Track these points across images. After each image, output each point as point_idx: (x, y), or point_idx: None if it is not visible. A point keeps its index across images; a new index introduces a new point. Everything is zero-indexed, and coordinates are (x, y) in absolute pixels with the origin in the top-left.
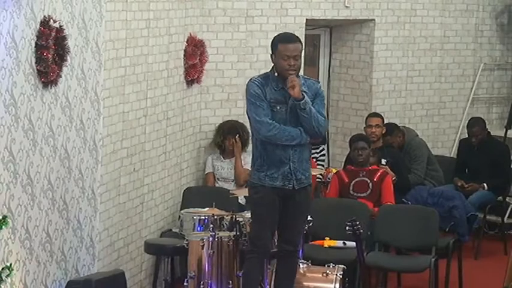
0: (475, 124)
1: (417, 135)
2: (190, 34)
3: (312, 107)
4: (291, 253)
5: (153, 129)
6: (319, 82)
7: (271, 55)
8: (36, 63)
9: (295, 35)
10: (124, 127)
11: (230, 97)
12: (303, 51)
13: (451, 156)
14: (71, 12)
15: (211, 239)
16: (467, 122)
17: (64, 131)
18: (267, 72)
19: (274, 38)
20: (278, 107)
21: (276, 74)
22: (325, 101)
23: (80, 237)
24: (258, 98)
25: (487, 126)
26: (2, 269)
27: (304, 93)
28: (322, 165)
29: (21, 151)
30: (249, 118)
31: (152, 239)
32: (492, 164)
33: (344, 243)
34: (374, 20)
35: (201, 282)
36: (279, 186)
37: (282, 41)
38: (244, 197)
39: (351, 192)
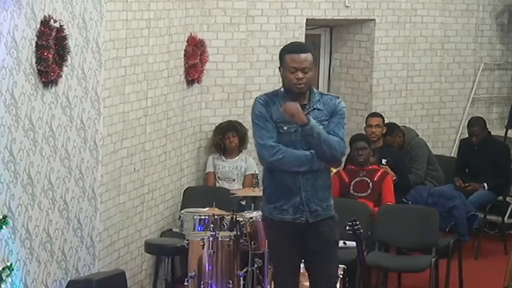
0: (475, 124)
1: (417, 135)
2: (191, 34)
3: (320, 131)
4: None
5: (153, 129)
6: (338, 97)
7: (279, 68)
8: (36, 63)
9: (304, 44)
10: (124, 127)
11: (230, 97)
12: None
13: (451, 156)
14: (71, 12)
15: (211, 238)
16: (467, 121)
17: (64, 131)
18: (277, 90)
19: (281, 49)
20: (285, 128)
21: (283, 90)
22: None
23: (80, 237)
24: (262, 119)
25: (487, 126)
26: (3, 268)
27: (308, 117)
28: None
29: (22, 151)
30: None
31: (152, 239)
32: (492, 164)
33: (344, 243)
34: (374, 19)
35: (202, 282)
36: (290, 220)
37: (289, 51)
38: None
39: (351, 192)
